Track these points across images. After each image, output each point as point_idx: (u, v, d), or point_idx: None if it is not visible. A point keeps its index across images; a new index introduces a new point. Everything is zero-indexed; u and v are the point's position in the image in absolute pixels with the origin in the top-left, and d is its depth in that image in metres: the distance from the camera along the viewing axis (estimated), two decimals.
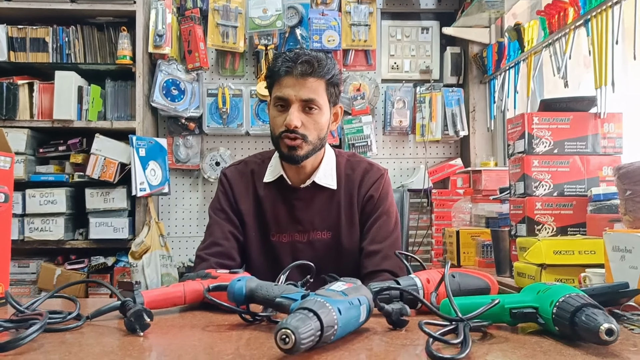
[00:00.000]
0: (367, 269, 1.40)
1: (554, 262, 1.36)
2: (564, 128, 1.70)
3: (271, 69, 1.37)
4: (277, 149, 1.40)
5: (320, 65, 1.33)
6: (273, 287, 0.93)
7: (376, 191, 1.46)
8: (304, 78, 1.32)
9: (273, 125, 1.38)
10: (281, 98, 1.34)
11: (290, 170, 1.43)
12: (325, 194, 1.44)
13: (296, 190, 1.43)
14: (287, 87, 1.33)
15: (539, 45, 2.15)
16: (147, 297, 0.95)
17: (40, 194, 2.47)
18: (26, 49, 2.59)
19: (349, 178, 1.46)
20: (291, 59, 1.33)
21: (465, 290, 1.02)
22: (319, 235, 1.43)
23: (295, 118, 1.31)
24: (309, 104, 1.33)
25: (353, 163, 1.49)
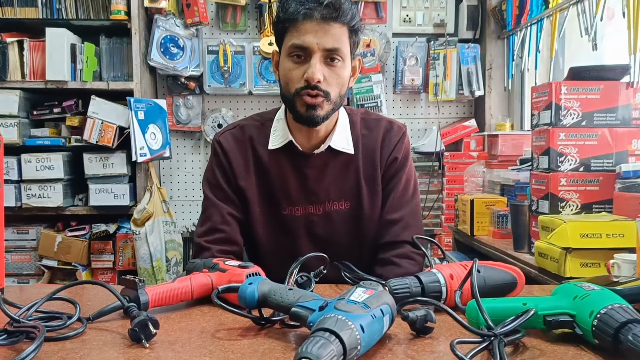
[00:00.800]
0: (384, 238, 1.28)
1: (580, 245, 1.30)
2: (593, 98, 1.58)
3: (285, 10, 1.15)
4: (292, 109, 1.20)
5: (345, 9, 1.13)
6: (287, 292, 0.87)
7: (399, 152, 1.29)
8: (327, 23, 1.12)
9: (287, 80, 1.17)
10: (300, 47, 1.13)
11: (301, 134, 1.25)
12: (342, 160, 1.27)
13: (308, 157, 1.25)
14: (307, 33, 1.12)
15: (566, 3, 1.98)
16: (152, 294, 0.90)
17: (37, 159, 2.38)
18: (14, 3, 2.44)
19: (366, 139, 1.29)
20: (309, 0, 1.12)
21: (491, 286, 0.96)
22: (335, 206, 1.28)
23: (318, 71, 1.12)
24: (332, 54, 1.14)
25: (369, 122, 1.31)
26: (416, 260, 1.27)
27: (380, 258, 1.28)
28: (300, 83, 1.15)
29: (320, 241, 1.28)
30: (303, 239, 1.29)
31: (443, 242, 2.70)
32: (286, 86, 1.18)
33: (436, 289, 0.93)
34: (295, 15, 1.13)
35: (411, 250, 1.27)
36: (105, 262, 2.49)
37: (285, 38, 1.17)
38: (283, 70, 1.18)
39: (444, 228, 2.73)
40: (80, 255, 2.45)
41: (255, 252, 1.34)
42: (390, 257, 1.26)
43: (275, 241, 1.30)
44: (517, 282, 0.99)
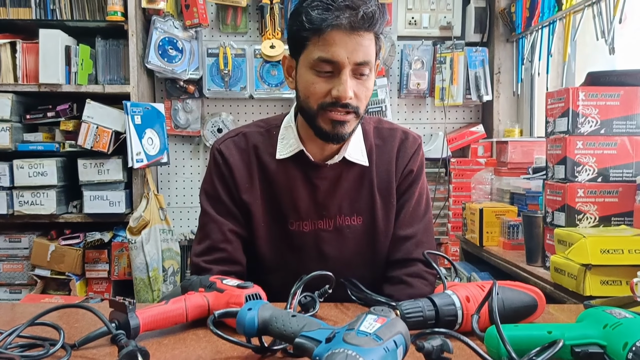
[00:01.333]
0: (395, 255, 1.20)
1: (600, 262, 1.23)
2: (612, 105, 1.50)
3: (307, 18, 1.02)
4: (313, 124, 1.09)
5: (377, 17, 1.02)
6: (290, 320, 0.81)
7: (414, 164, 1.22)
8: (358, 33, 1.01)
9: (308, 93, 1.06)
10: (328, 61, 1.02)
11: (315, 144, 1.15)
12: (355, 172, 1.18)
13: (320, 168, 1.16)
14: (336, 45, 1.01)
15: (581, 4, 1.91)
16: (144, 317, 0.84)
17: (29, 164, 2.31)
18: (6, 3, 2.37)
19: (381, 150, 1.20)
20: (339, 5, 1.00)
21: (510, 309, 0.89)
22: (348, 222, 1.19)
23: (349, 88, 1.02)
24: (362, 67, 1.04)
25: (383, 131, 1.23)
26: (428, 280, 1.20)
27: (391, 276, 1.20)
28: (327, 99, 1.05)
29: (329, 259, 1.19)
30: (311, 256, 1.19)
31: (450, 252, 2.63)
32: (306, 99, 1.08)
33: (451, 312, 0.87)
34: (322, 24, 1.01)
35: (423, 269, 1.20)
36: (100, 272, 2.42)
37: (307, 47, 1.05)
38: (304, 83, 1.08)
39: (450, 237, 2.65)
40: (74, 264, 2.37)
41: (257, 269, 1.24)
42: (402, 276, 1.19)
43: (281, 259, 1.20)
44: (538, 305, 0.92)
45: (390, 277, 1.21)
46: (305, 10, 1.03)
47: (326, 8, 1.01)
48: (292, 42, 1.10)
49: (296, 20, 1.06)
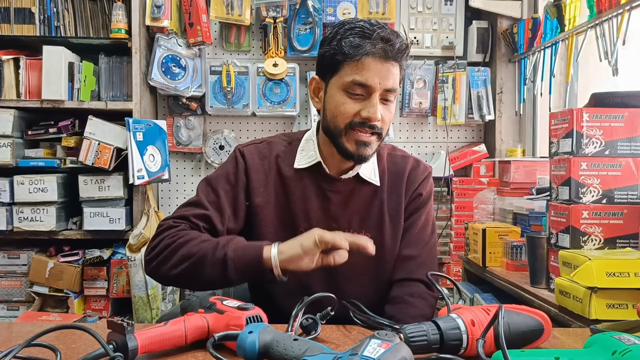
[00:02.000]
0: (399, 275, 1.24)
1: (606, 285, 1.21)
2: (617, 126, 1.49)
3: (344, 44, 1.11)
4: (337, 142, 1.16)
5: (405, 49, 1.13)
6: (292, 344, 0.81)
7: (423, 189, 1.28)
8: (389, 63, 1.11)
9: (337, 113, 1.14)
10: (361, 84, 1.11)
11: (333, 159, 1.21)
12: (367, 190, 1.24)
13: (335, 181, 1.22)
14: (369, 70, 1.10)
15: (584, 25, 1.91)
16: (142, 339, 0.83)
17: (30, 180, 2.30)
18: (10, 20, 2.39)
19: (392, 173, 1.27)
20: (375, 36, 1.10)
21: (516, 333, 0.88)
22: None
23: (378, 110, 1.11)
24: (389, 93, 1.13)
25: (396, 158, 1.30)
26: (429, 302, 1.21)
27: (393, 297, 1.22)
28: (355, 118, 1.13)
29: (334, 273, 1.21)
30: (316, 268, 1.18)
31: (452, 271, 2.61)
32: (334, 119, 1.15)
33: (456, 336, 0.85)
34: (359, 51, 1.10)
35: (425, 290, 1.22)
36: (99, 290, 2.39)
37: (340, 70, 1.13)
38: (335, 103, 1.15)
39: (452, 256, 2.63)
40: (73, 282, 2.35)
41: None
42: (403, 296, 1.20)
43: None
44: (544, 329, 0.91)
45: (391, 298, 1.22)
46: (343, 35, 1.12)
47: (363, 36, 1.10)
48: (324, 64, 1.18)
49: (331, 45, 1.14)
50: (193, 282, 1.13)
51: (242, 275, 1.09)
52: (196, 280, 1.11)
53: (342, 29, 1.14)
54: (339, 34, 1.13)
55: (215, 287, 1.21)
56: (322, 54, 1.18)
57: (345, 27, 1.13)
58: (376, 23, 1.13)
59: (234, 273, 1.07)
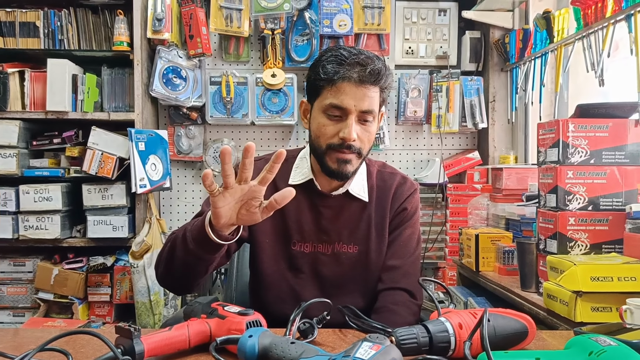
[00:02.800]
0: (384, 284, 1.31)
1: (591, 289, 1.26)
2: (602, 136, 1.55)
3: (324, 70, 1.21)
4: (321, 162, 1.25)
5: (384, 75, 1.20)
6: (289, 347, 0.85)
7: (409, 204, 1.36)
8: (365, 86, 1.18)
9: (320, 135, 1.23)
10: (338, 107, 1.19)
11: (323, 177, 1.30)
12: (356, 206, 1.33)
13: (325, 197, 1.31)
14: (345, 94, 1.18)
15: (572, 37, 1.98)
16: (148, 344, 0.87)
17: (35, 190, 2.35)
18: (16, 34, 2.44)
19: (380, 190, 1.36)
20: (351, 62, 1.18)
21: (502, 336, 0.92)
22: (345, 249, 1.32)
23: (354, 131, 1.19)
24: (366, 115, 1.21)
25: (384, 175, 1.39)
26: (412, 310, 1.29)
27: (378, 307, 1.29)
28: (334, 139, 1.21)
29: (325, 281, 1.31)
30: (308, 276, 1.31)
31: (447, 276, 2.66)
32: (317, 139, 1.24)
33: (444, 339, 0.90)
34: (335, 76, 1.19)
35: (408, 298, 1.29)
36: (102, 296, 2.44)
37: (321, 94, 1.22)
38: (317, 125, 1.24)
39: (447, 261, 2.68)
40: (77, 288, 2.40)
41: (258, 284, 1.34)
42: (388, 305, 1.28)
43: (280, 276, 1.31)
44: (528, 332, 0.95)
45: (377, 308, 1.29)
46: (322, 63, 1.22)
47: (339, 63, 1.19)
48: (309, 88, 1.28)
49: (314, 70, 1.24)
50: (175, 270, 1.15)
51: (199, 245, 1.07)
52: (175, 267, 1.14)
53: (324, 55, 1.23)
54: (322, 61, 1.22)
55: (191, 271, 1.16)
56: (307, 78, 1.28)
57: (328, 54, 1.22)
58: (356, 50, 1.21)
59: (192, 243, 1.08)
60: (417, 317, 1.28)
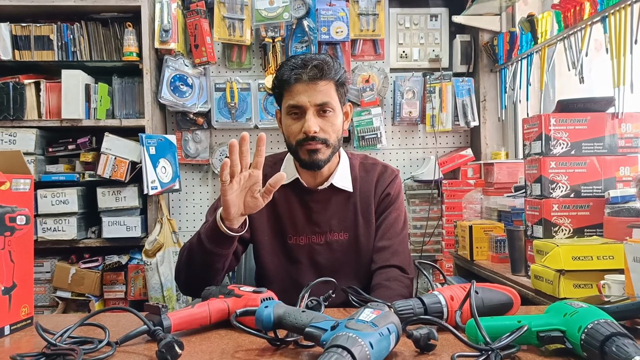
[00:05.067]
0: (376, 264, 1.42)
1: (572, 267, 1.37)
2: (581, 129, 1.68)
3: (279, 78, 1.35)
4: (297, 158, 1.38)
5: (328, 68, 1.32)
6: (301, 314, 0.92)
7: (391, 189, 1.47)
8: (314, 82, 1.31)
9: (289, 134, 1.36)
10: (295, 106, 1.32)
11: (307, 174, 1.42)
12: (342, 196, 1.44)
13: (312, 192, 1.43)
14: (299, 93, 1.31)
15: (553, 39, 2.11)
16: (174, 319, 0.96)
17: (52, 194, 2.47)
18: (31, 47, 2.55)
19: (364, 180, 1.47)
20: (298, 65, 1.32)
21: (489, 306, 1.02)
22: (336, 237, 1.43)
23: (313, 124, 1.31)
24: (324, 107, 1.32)
25: (367, 165, 1.50)
26: (404, 283, 1.39)
27: (373, 284, 1.40)
28: (300, 135, 1.32)
29: (321, 268, 1.43)
30: (306, 266, 1.43)
31: (444, 268, 2.76)
32: (288, 139, 1.37)
33: (438, 309, 0.99)
34: (288, 80, 1.32)
35: (400, 274, 1.40)
36: (117, 293, 2.55)
37: (283, 99, 1.36)
38: (285, 126, 1.37)
39: (444, 254, 2.79)
40: (93, 286, 2.51)
41: (262, 278, 1.47)
42: (382, 282, 1.39)
43: (281, 268, 1.44)
44: (514, 302, 1.05)
45: (372, 286, 1.40)
46: (279, 72, 1.36)
47: (290, 68, 1.33)
48: (275, 96, 1.42)
49: (275, 79, 1.38)
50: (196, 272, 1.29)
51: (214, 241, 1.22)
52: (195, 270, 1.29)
53: (281, 66, 1.37)
54: (278, 70, 1.37)
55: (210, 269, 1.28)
56: (272, 89, 1.42)
57: (283, 63, 1.37)
58: (304, 56, 1.34)
59: (207, 242, 1.22)
60: (410, 290, 1.40)
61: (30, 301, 1.11)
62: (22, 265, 1.06)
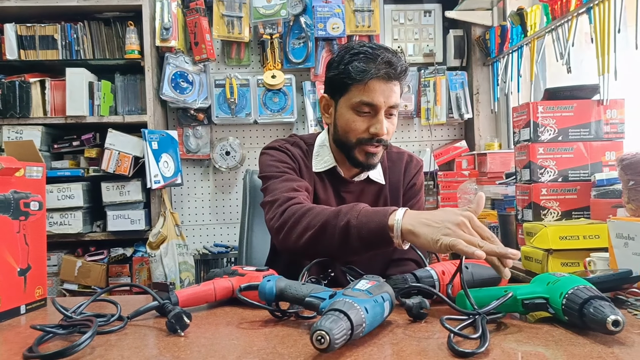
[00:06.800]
0: (394, 255, 1.40)
1: (560, 247, 1.42)
2: (568, 116, 1.75)
3: (353, 67, 1.23)
4: (349, 154, 1.31)
5: (402, 68, 1.25)
6: (301, 287, 0.97)
7: (417, 179, 1.46)
8: (392, 82, 1.24)
9: (348, 129, 1.28)
10: (369, 104, 1.24)
11: (344, 165, 1.38)
12: (374, 188, 1.41)
13: (348, 183, 1.39)
14: (375, 92, 1.23)
15: (542, 31, 2.17)
16: (181, 296, 1.01)
17: (58, 189, 2.52)
18: (36, 46, 2.61)
19: (392, 171, 1.44)
20: (376, 60, 1.22)
21: (479, 280, 1.07)
22: None
23: (385, 127, 1.25)
24: (393, 109, 1.27)
25: (392, 155, 1.47)
26: None
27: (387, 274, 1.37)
28: (364, 134, 1.26)
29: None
30: None
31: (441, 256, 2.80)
32: (345, 134, 1.29)
33: (430, 283, 1.04)
34: (367, 75, 1.22)
35: (415, 268, 1.36)
36: None
37: (349, 91, 1.26)
38: (345, 121, 1.29)
39: None
40: (99, 278, 2.57)
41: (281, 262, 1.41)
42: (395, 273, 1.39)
43: None
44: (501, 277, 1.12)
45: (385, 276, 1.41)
46: (349, 60, 1.25)
47: (367, 61, 1.23)
48: (332, 85, 1.31)
49: (339, 68, 1.27)
50: (319, 251, 1.15)
51: (367, 245, 1.08)
52: (321, 249, 1.14)
53: (347, 54, 1.26)
54: (345, 59, 1.25)
55: (339, 257, 1.18)
56: (331, 77, 1.30)
57: (351, 52, 1.25)
58: (377, 47, 1.25)
59: (357, 242, 1.08)
60: None
61: (44, 283, 1.16)
62: (36, 248, 1.12)
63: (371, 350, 0.75)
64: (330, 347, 0.70)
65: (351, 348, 0.76)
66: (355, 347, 0.76)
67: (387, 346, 0.78)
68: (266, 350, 0.77)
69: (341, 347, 0.73)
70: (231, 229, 2.98)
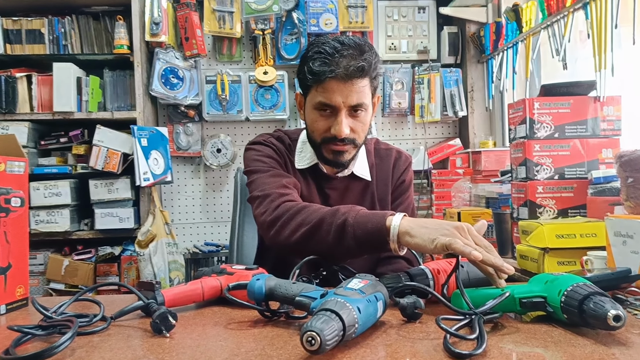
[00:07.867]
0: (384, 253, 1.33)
1: (556, 245, 1.39)
2: (564, 112, 1.72)
3: (310, 69, 1.20)
4: (318, 152, 1.30)
5: (367, 64, 1.19)
6: (291, 286, 0.94)
7: (406, 176, 1.43)
8: (352, 81, 1.18)
9: (314, 129, 1.26)
10: (326, 104, 1.21)
11: None
12: (360, 185, 1.38)
13: (331, 179, 1.35)
14: (332, 92, 1.19)
15: (538, 27, 2.15)
16: (167, 295, 0.98)
17: (45, 186, 2.48)
18: (22, 40, 2.58)
19: (379, 167, 1.41)
20: (334, 58, 1.18)
21: (475, 280, 1.05)
22: None
23: (345, 127, 1.20)
24: (357, 107, 1.22)
25: (381, 151, 1.44)
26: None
27: (377, 273, 1.35)
28: (327, 134, 1.23)
29: None
30: None
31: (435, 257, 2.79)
32: (312, 133, 1.28)
33: (424, 282, 1.01)
34: (322, 76, 1.18)
35: (405, 265, 1.37)
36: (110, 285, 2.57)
37: (311, 91, 1.24)
38: (310, 120, 1.27)
39: None
40: (87, 277, 2.53)
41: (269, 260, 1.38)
42: (387, 272, 1.33)
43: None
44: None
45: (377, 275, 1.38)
46: (307, 61, 1.22)
47: (324, 61, 1.18)
48: (300, 83, 1.29)
49: (302, 68, 1.25)
50: (312, 248, 1.13)
51: (362, 245, 1.07)
52: (314, 246, 1.12)
53: (310, 51, 1.23)
54: (307, 57, 1.22)
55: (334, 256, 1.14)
56: (297, 74, 1.29)
57: (313, 49, 1.22)
58: (340, 44, 1.19)
59: (353, 240, 1.06)
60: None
61: (26, 283, 1.13)
62: (17, 246, 1.08)
63: (364, 352, 0.73)
64: (321, 348, 0.67)
65: (343, 350, 0.73)
66: (347, 349, 0.74)
67: (380, 347, 0.75)
68: (255, 352, 0.74)
69: (333, 349, 0.71)
70: (222, 227, 2.94)
